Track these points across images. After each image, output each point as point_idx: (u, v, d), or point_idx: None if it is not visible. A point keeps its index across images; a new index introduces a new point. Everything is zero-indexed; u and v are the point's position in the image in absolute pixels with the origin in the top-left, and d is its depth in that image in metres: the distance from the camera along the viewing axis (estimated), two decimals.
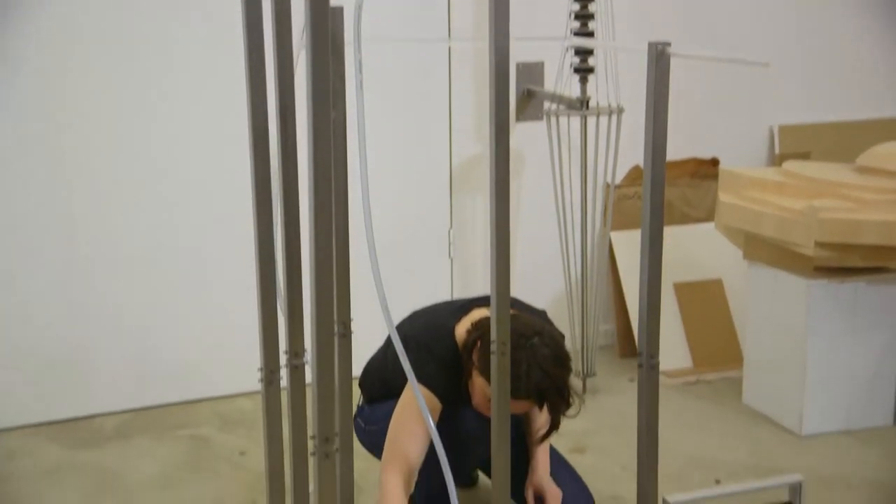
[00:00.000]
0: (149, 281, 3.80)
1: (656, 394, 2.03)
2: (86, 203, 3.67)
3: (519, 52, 4.02)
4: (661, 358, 2.04)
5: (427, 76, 4.06)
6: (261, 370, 2.02)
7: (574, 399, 2.47)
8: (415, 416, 2.43)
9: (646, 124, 2.02)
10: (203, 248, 3.84)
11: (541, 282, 4.14)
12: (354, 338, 2.18)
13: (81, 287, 3.73)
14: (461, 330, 2.54)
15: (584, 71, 3.83)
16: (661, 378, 2.20)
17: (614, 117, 3.81)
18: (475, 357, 2.44)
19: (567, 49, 3.83)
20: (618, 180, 4.12)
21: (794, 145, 4.55)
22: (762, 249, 3.60)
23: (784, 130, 4.56)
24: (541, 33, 3.94)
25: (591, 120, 3.89)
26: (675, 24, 4.27)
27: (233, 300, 3.77)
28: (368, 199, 1.77)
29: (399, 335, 2.66)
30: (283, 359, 1.98)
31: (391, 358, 2.67)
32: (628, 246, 4.25)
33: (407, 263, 4.04)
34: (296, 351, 1.96)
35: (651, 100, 2.00)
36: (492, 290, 2.10)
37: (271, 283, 1.99)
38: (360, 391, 2.83)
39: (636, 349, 2.06)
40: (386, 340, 2.78)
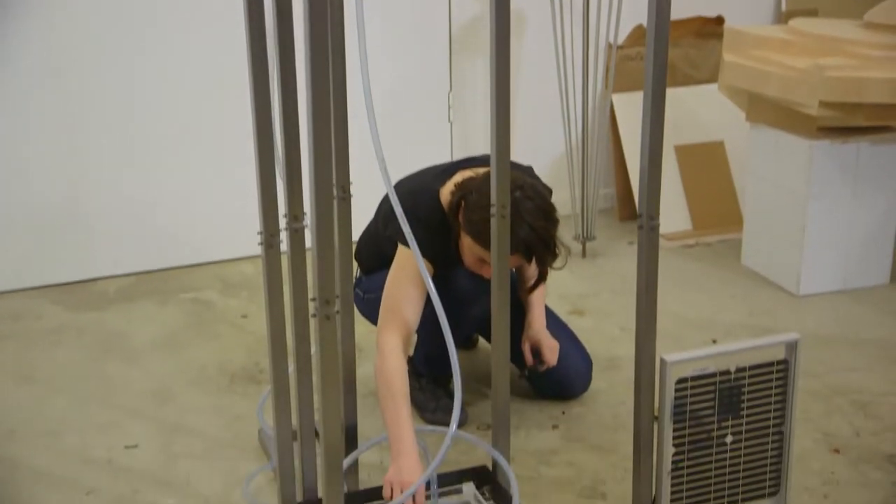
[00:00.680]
0: (149, 145, 3.79)
1: (656, 255, 2.04)
2: (84, 68, 3.62)
3: None
4: (661, 220, 2.03)
5: None
6: (260, 234, 2.02)
7: (561, 250, 2.48)
8: (409, 279, 2.44)
9: None
10: (203, 112, 3.81)
11: (541, 145, 4.12)
12: (354, 202, 2.17)
13: (83, 152, 3.71)
14: (446, 192, 2.53)
15: None
16: (661, 241, 2.20)
17: None
18: (461, 218, 2.44)
19: None
20: (620, 40, 4.05)
21: (802, 2, 4.45)
22: (765, 110, 3.57)
23: None
24: None
25: None
26: None
27: (234, 164, 3.76)
28: (366, 62, 1.74)
29: (384, 206, 2.66)
30: (283, 222, 1.98)
31: (382, 227, 2.67)
32: (630, 108, 4.20)
33: (406, 127, 4.01)
34: (295, 214, 1.96)
35: None
36: (492, 153, 2.09)
37: (269, 147, 1.97)
38: (357, 263, 2.84)
39: (636, 212, 2.05)
40: (376, 211, 2.78)
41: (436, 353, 2.66)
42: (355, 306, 2.73)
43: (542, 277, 2.58)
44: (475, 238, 2.39)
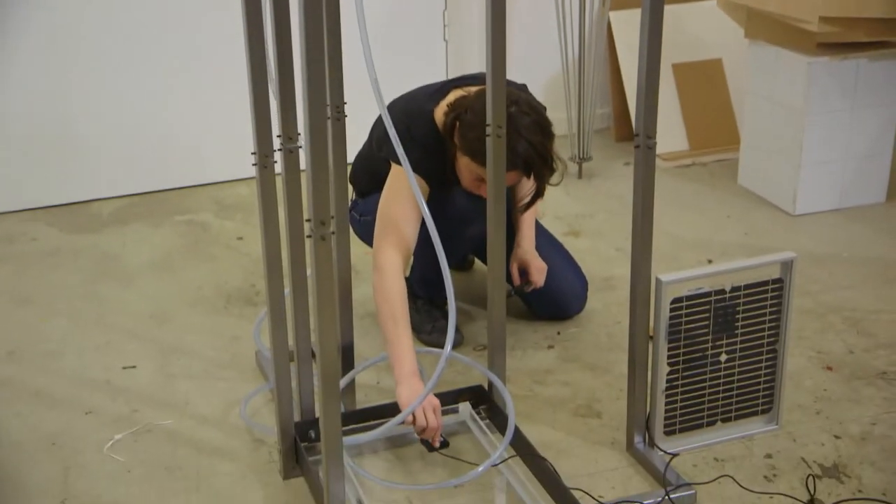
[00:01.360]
0: (143, 67, 3.74)
1: (652, 174, 2.03)
2: None
3: None
4: (658, 140, 2.02)
5: None
6: (254, 154, 2.00)
7: (558, 165, 2.46)
8: (405, 197, 2.42)
9: None
10: (196, 34, 3.76)
11: (537, 63, 4.08)
12: (348, 122, 2.15)
13: (77, 74, 3.67)
14: (440, 113, 2.51)
15: None
16: (657, 161, 2.20)
17: None
18: (456, 139, 2.42)
19: None
20: None
21: None
22: (764, 26, 3.52)
23: None
24: None
25: None
26: None
27: (228, 84, 3.72)
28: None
29: (377, 127, 2.63)
30: (277, 143, 1.96)
31: (376, 148, 2.65)
32: (627, 26, 4.15)
33: (400, 46, 3.96)
34: (289, 135, 1.94)
35: None
36: (487, 72, 2.07)
37: (262, 67, 1.95)
38: (352, 186, 2.82)
39: (633, 132, 2.04)
40: (370, 132, 2.75)
41: (432, 275, 2.66)
42: (351, 229, 2.73)
43: (540, 193, 2.55)
44: (472, 157, 2.37)
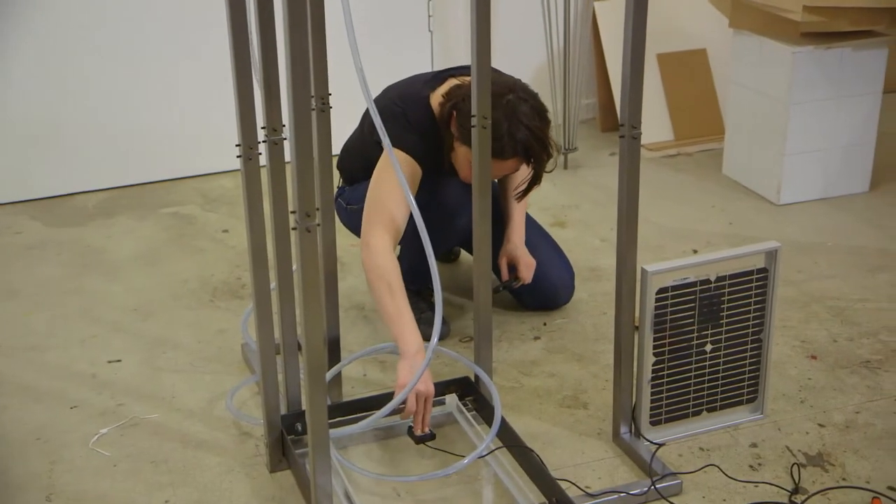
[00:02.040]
0: (128, 60, 3.72)
1: (637, 164, 2.03)
2: None
3: None
4: (643, 131, 2.02)
5: None
6: (239, 146, 1.99)
7: (553, 150, 2.47)
8: (395, 180, 2.42)
9: None
10: (180, 25, 3.74)
11: (523, 54, 4.07)
12: (333, 113, 2.15)
13: (60, 66, 3.65)
14: (436, 99, 2.50)
15: None
16: (642, 151, 2.20)
17: None
18: (454, 128, 2.42)
19: None
20: None
21: None
22: (748, 16, 3.53)
23: None
24: None
25: None
26: None
27: (212, 76, 3.71)
28: None
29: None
30: (262, 135, 1.96)
31: (368, 133, 2.65)
32: (612, 16, 4.15)
33: (385, 37, 3.95)
34: (273, 127, 1.94)
35: None
36: (472, 63, 2.06)
37: (246, 58, 1.94)
38: (339, 174, 2.81)
39: (618, 123, 2.04)
40: (362, 118, 2.75)
41: (419, 266, 2.65)
42: (337, 218, 2.72)
43: (537, 180, 2.53)
44: (471, 146, 2.37)
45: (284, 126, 1.93)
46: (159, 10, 3.70)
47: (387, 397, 2.18)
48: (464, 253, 3.13)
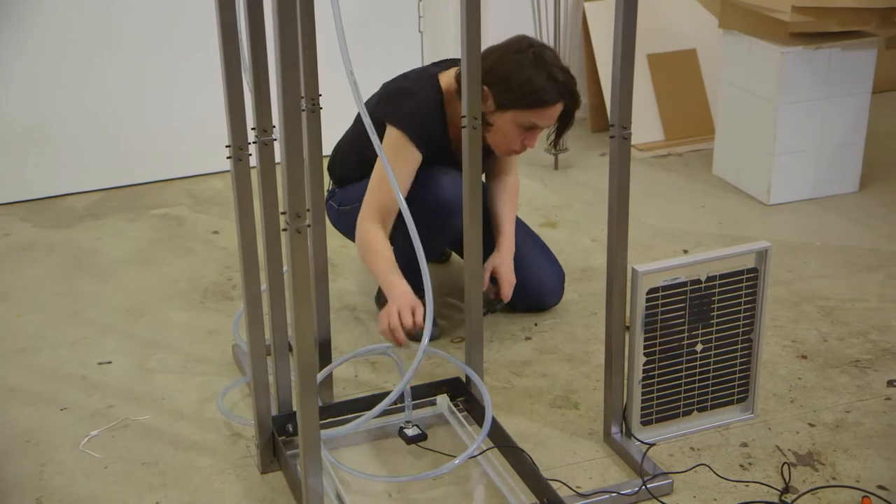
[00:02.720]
0: (117, 61, 3.71)
1: (627, 165, 2.03)
2: None
3: None
4: (633, 131, 2.02)
5: None
6: (229, 147, 1.99)
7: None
8: (399, 158, 2.47)
9: None
10: (169, 25, 3.73)
11: None
12: (323, 114, 2.15)
13: (50, 68, 3.64)
14: (445, 79, 2.53)
15: None
16: (632, 151, 2.20)
17: None
18: (488, 96, 2.43)
19: None
20: None
21: None
22: (738, 17, 3.54)
23: None
24: None
25: None
26: None
27: (202, 77, 3.70)
28: None
29: (370, 104, 2.62)
30: (252, 136, 1.95)
31: (363, 133, 2.64)
32: (602, 16, 4.15)
33: (376, 37, 3.94)
34: (264, 127, 1.94)
35: None
36: (462, 63, 2.07)
37: (236, 59, 1.94)
38: (330, 176, 2.80)
39: (608, 123, 2.04)
40: (355, 118, 2.74)
41: (412, 265, 2.65)
42: (329, 220, 2.72)
43: (571, 122, 2.58)
44: (520, 104, 2.43)
45: (274, 127, 1.93)
46: (148, 12, 3.69)
47: (378, 398, 2.18)
48: (455, 254, 3.13)
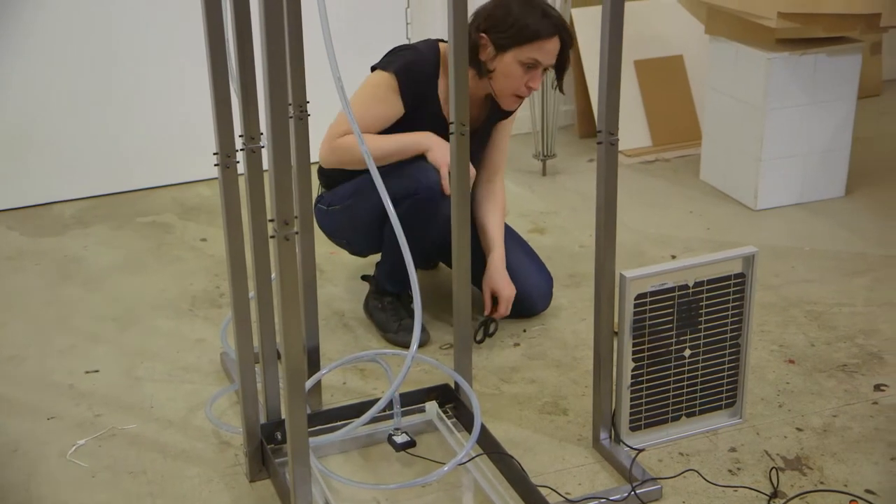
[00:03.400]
0: (103, 68, 3.70)
1: (615, 171, 2.04)
2: None
3: None
4: (621, 137, 2.03)
5: None
6: (216, 155, 1.99)
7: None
8: (376, 98, 2.57)
9: None
10: (156, 33, 3.72)
11: None
12: (311, 121, 2.15)
13: (36, 75, 3.63)
14: (445, 46, 2.61)
15: None
16: (620, 157, 2.20)
17: None
18: (489, 48, 2.52)
19: None
20: None
21: None
22: (724, 23, 3.55)
23: None
24: None
25: None
26: None
27: (189, 84, 3.70)
28: None
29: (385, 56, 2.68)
30: (240, 143, 1.95)
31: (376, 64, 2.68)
32: (590, 23, 4.16)
33: (363, 45, 3.94)
34: (251, 135, 1.94)
35: None
36: (450, 70, 2.07)
37: (223, 66, 1.93)
38: (319, 180, 2.80)
39: (596, 129, 2.05)
40: None
41: (400, 270, 2.65)
42: (318, 225, 2.71)
43: (568, 60, 2.62)
44: (519, 40, 2.50)
45: (262, 134, 1.93)
46: (133, 19, 3.68)
47: (367, 405, 2.17)
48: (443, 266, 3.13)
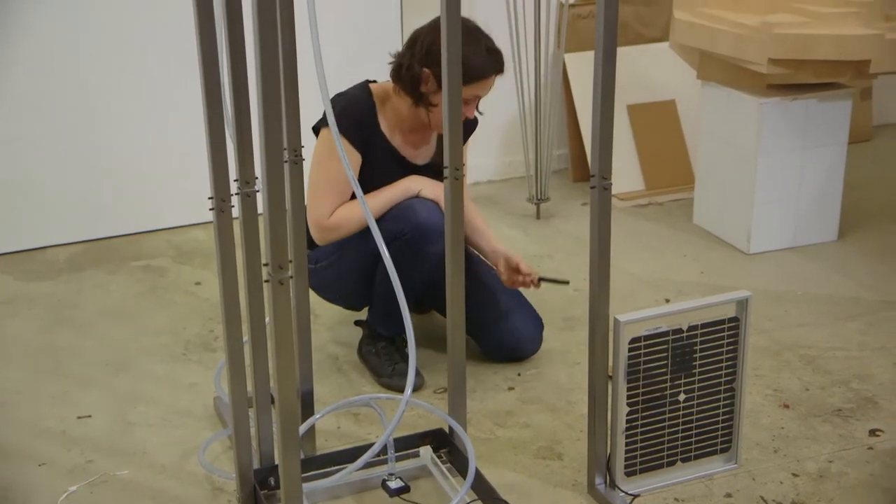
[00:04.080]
0: (97, 112, 3.72)
1: (608, 215, 2.05)
2: (30, 34, 3.54)
3: None
4: (614, 180, 2.04)
5: None
6: (211, 199, 1.99)
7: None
8: (334, 159, 2.56)
9: None
10: (151, 78, 3.74)
11: (494, 105, 4.08)
12: (306, 165, 2.15)
13: (30, 118, 3.64)
14: (378, 86, 2.69)
15: None
16: (613, 201, 2.21)
17: None
18: (429, 77, 2.57)
19: None
20: None
21: None
22: (716, 68, 3.58)
23: None
24: None
25: None
26: None
27: (184, 128, 3.70)
28: (316, 24, 1.72)
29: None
30: (235, 187, 1.96)
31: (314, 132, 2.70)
32: (582, 68, 4.20)
33: (358, 77, 3.96)
34: (246, 179, 1.94)
35: None
36: (444, 115, 2.08)
37: (219, 111, 1.95)
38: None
39: (589, 173, 2.06)
40: None
41: (392, 310, 2.64)
42: (308, 284, 2.70)
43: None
44: (464, 79, 2.49)
45: (257, 178, 1.94)
46: (128, 62, 3.70)
47: (361, 450, 2.16)
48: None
